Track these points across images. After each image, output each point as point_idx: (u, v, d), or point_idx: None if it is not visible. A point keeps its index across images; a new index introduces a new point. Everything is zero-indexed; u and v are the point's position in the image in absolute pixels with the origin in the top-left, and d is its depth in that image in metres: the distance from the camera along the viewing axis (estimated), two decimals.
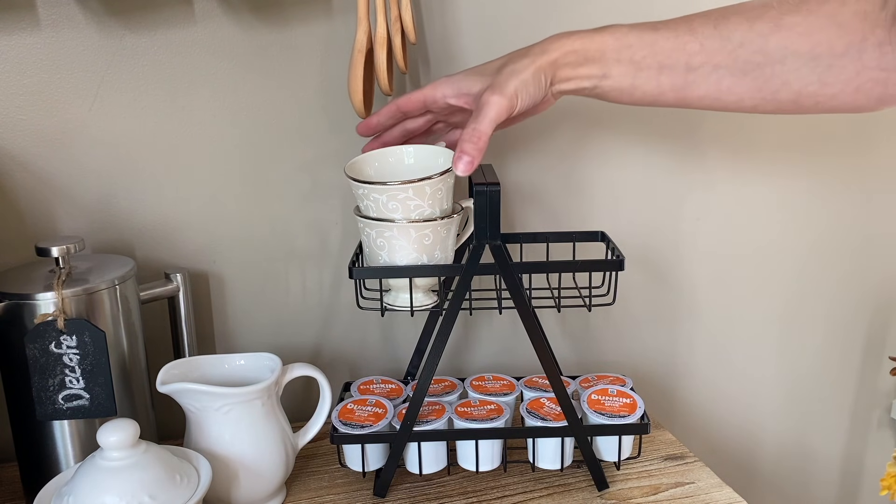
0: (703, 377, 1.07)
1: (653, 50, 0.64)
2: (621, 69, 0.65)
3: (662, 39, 0.64)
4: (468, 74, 0.69)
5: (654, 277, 1.00)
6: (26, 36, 0.75)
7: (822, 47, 0.61)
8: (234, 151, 0.83)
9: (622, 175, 0.95)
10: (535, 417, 0.73)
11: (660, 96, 0.66)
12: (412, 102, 0.72)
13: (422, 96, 0.71)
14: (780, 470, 1.15)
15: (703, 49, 0.63)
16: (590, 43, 0.65)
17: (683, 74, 0.64)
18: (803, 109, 0.65)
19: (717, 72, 0.64)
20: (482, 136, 0.63)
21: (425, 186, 0.67)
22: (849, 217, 1.05)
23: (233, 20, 0.79)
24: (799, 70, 0.62)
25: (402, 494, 0.75)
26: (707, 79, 0.64)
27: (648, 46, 0.64)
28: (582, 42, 0.65)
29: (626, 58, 0.65)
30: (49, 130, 0.77)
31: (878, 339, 1.12)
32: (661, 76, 0.65)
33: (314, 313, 0.91)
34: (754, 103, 0.65)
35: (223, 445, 0.68)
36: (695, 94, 0.65)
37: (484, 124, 0.63)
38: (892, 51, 0.60)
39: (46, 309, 0.67)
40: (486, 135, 0.63)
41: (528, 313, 0.70)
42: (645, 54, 0.65)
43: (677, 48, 0.64)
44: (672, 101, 0.67)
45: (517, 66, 0.65)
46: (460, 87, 0.68)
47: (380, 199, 0.67)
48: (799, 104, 0.64)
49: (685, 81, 0.65)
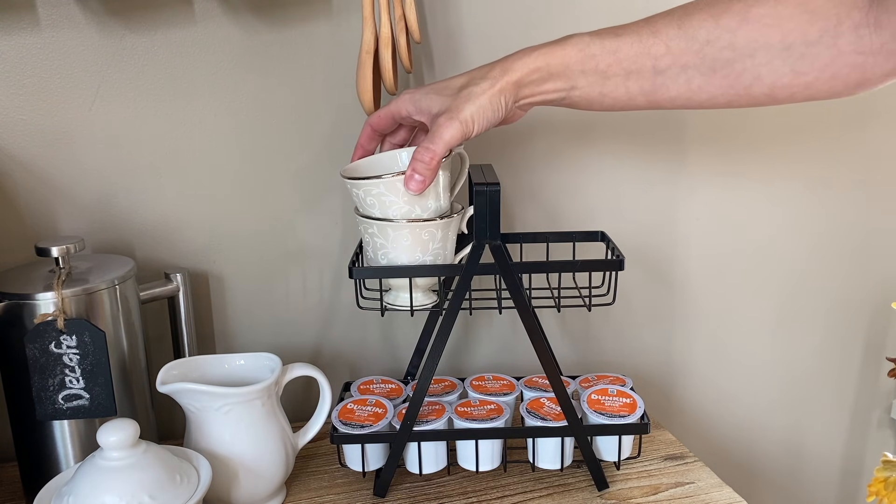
0: (703, 377, 1.07)
1: (617, 57, 0.63)
2: (588, 80, 0.64)
3: (626, 45, 0.63)
4: (429, 92, 0.68)
5: (654, 277, 1.00)
6: (26, 36, 0.75)
7: (794, 36, 0.59)
8: (235, 151, 0.83)
9: (622, 175, 0.95)
10: (535, 417, 0.73)
11: (630, 101, 0.65)
12: (382, 120, 0.71)
13: (388, 113, 0.70)
14: (780, 470, 1.15)
15: (669, 51, 0.62)
16: (552, 58, 0.64)
17: (651, 78, 0.63)
18: (779, 101, 0.63)
19: (685, 72, 0.63)
20: (434, 156, 0.64)
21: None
22: (849, 215, 1.05)
23: (233, 20, 0.79)
24: (771, 62, 0.61)
25: (402, 494, 0.75)
26: (676, 80, 0.63)
27: (612, 54, 0.63)
28: (545, 58, 0.64)
29: (591, 68, 0.64)
30: (49, 130, 0.77)
31: (878, 339, 1.12)
32: (628, 82, 0.64)
33: (314, 313, 0.91)
34: (727, 100, 0.64)
35: (223, 445, 0.68)
36: (665, 96, 0.64)
37: (437, 145, 0.63)
38: (870, 33, 0.58)
39: (46, 309, 0.67)
40: (439, 156, 0.64)
41: (528, 313, 0.70)
42: (610, 62, 0.63)
43: (642, 53, 0.63)
44: (643, 104, 0.66)
45: (475, 90, 0.64)
46: (420, 105, 0.68)
47: (377, 194, 0.67)
48: (773, 97, 0.63)
49: (654, 85, 0.64)
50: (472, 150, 0.88)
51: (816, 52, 0.60)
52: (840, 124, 1.01)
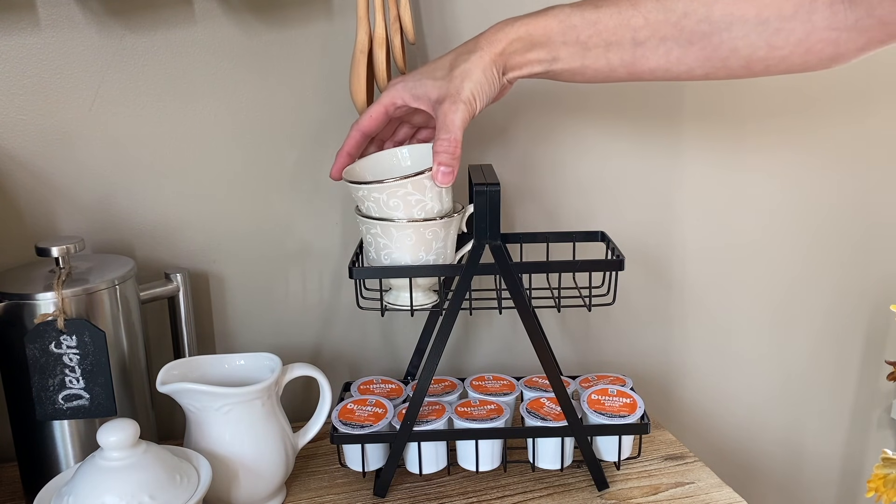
0: (703, 377, 1.07)
1: (597, 29, 0.64)
2: (569, 50, 0.65)
3: (606, 17, 0.64)
4: (421, 77, 0.68)
5: (654, 277, 1.00)
6: (26, 36, 0.75)
7: (770, 11, 0.60)
8: (235, 151, 0.83)
9: (622, 175, 0.95)
10: (535, 417, 0.73)
11: (611, 73, 0.66)
12: (374, 120, 0.71)
13: (381, 109, 0.70)
14: (779, 470, 1.15)
15: (648, 23, 0.63)
16: (534, 28, 0.65)
17: (631, 50, 0.64)
18: (755, 73, 0.65)
19: (664, 44, 0.64)
20: (455, 143, 0.64)
21: (424, 180, 0.67)
22: (849, 212, 1.05)
23: (233, 20, 0.79)
24: (747, 36, 0.62)
25: (402, 494, 0.75)
26: (655, 51, 0.64)
27: (592, 26, 0.65)
28: (526, 28, 0.66)
29: (573, 39, 0.65)
30: (49, 130, 0.77)
31: (879, 339, 1.12)
32: (609, 54, 0.65)
33: (314, 313, 0.91)
34: (705, 71, 0.65)
35: (223, 445, 0.68)
36: (645, 68, 0.65)
37: (453, 132, 0.64)
38: (845, 9, 0.59)
39: (46, 309, 0.67)
40: (459, 141, 0.64)
41: (528, 313, 0.70)
42: (590, 34, 0.65)
43: (621, 24, 0.64)
44: (624, 76, 0.67)
45: (467, 66, 0.65)
46: (416, 92, 0.68)
47: (380, 197, 0.67)
48: (750, 69, 0.64)
49: (633, 56, 0.65)
50: (472, 150, 0.89)
51: (791, 27, 0.61)
52: (842, 119, 1.01)
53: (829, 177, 1.03)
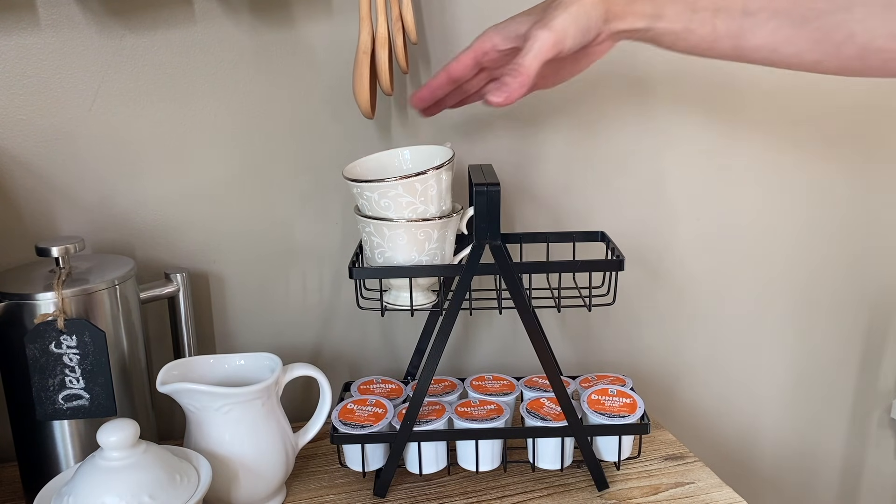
0: (703, 377, 1.07)
1: None
2: (675, 9, 0.62)
3: None
4: (514, 18, 0.66)
5: (654, 277, 1.00)
6: (26, 36, 0.75)
7: None
8: (235, 151, 0.83)
9: (622, 175, 0.95)
10: (535, 417, 0.73)
11: (715, 43, 0.62)
12: (462, 65, 0.68)
13: (472, 54, 0.68)
14: (780, 470, 1.15)
15: None
16: None
17: (740, 19, 0.61)
18: (870, 69, 0.59)
19: (775, 19, 0.60)
20: (525, 70, 0.60)
21: (415, 183, 0.67)
22: (851, 215, 1.05)
23: (233, 20, 0.79)
24: (867, 20, 0.56)
25: (402, 494, 0.75)
26: (764, 26, 0.60)
27: None
28: None
29: None
30: (49, 130, 0.77)
31: (879, 339, 1.12)
32: (716, 19, 0.61)
33: (314, 313, 0.91)
34: (815, 58, 0.60)
35: (223, 445, 0.68)
36: (751, 44, 0.61)
37: (528, 59, 0.60)
38: None
39: (46, 309, 0.67)
40: (530, 69, 0.61)
41: (528, 313, 0.70)
42: None
43: None
44: (727, 49, 0.63)
45: (565, 1, 0.62)
46: (508, 31, 0.66)
47: (372, 196, 0.67)
48: (865, 61, 0.58)
49: (741, 28, 0.61)
50: (472, 150, 0.89)
51: None
52: (845, 121, 1.01)
53: (830, 179, 1.03)
